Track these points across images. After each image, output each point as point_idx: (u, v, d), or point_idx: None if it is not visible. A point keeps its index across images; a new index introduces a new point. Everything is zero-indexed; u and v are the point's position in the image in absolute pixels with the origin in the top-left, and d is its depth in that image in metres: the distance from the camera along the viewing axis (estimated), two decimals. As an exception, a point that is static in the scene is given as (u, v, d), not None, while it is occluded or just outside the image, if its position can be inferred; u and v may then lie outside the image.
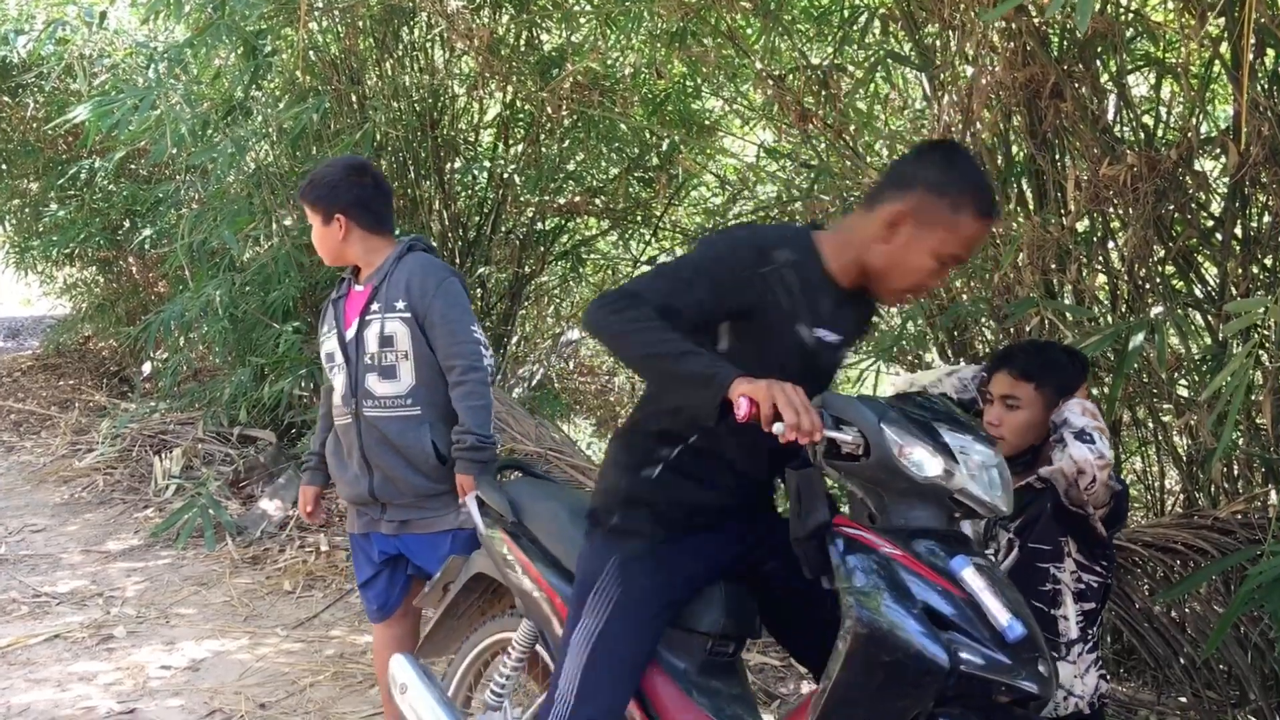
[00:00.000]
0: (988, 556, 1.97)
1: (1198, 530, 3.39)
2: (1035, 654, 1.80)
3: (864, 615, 1.79)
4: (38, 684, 3.96)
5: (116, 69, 6.58)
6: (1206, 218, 3.63)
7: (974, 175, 2.06)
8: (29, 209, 9.89)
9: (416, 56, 6.26)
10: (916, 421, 1.89)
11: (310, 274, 5.90)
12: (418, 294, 2.96)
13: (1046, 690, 1.79)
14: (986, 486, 1.88)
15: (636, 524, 2.19)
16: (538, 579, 2.50)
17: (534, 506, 2.63)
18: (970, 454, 1.88)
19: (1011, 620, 1.77)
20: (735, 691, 2.26)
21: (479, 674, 2.85)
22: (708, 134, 6.23)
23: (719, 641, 2.24)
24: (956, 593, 1.82)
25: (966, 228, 2.02)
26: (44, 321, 13.27)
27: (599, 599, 2.15)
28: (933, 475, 1.84)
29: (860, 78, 4.32)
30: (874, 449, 1.85)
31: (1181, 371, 3.70)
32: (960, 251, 2.05)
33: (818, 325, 2.09)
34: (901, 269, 2.07)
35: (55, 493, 6.71)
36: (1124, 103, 3.59)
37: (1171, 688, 3.70)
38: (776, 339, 2.06)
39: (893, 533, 1.90)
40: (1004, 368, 2.50)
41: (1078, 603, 2.45)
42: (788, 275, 2.04)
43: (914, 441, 1.85)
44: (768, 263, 2.03)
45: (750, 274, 2.02)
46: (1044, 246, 3.44)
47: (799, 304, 2.06)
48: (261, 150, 6.15)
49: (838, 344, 2.17)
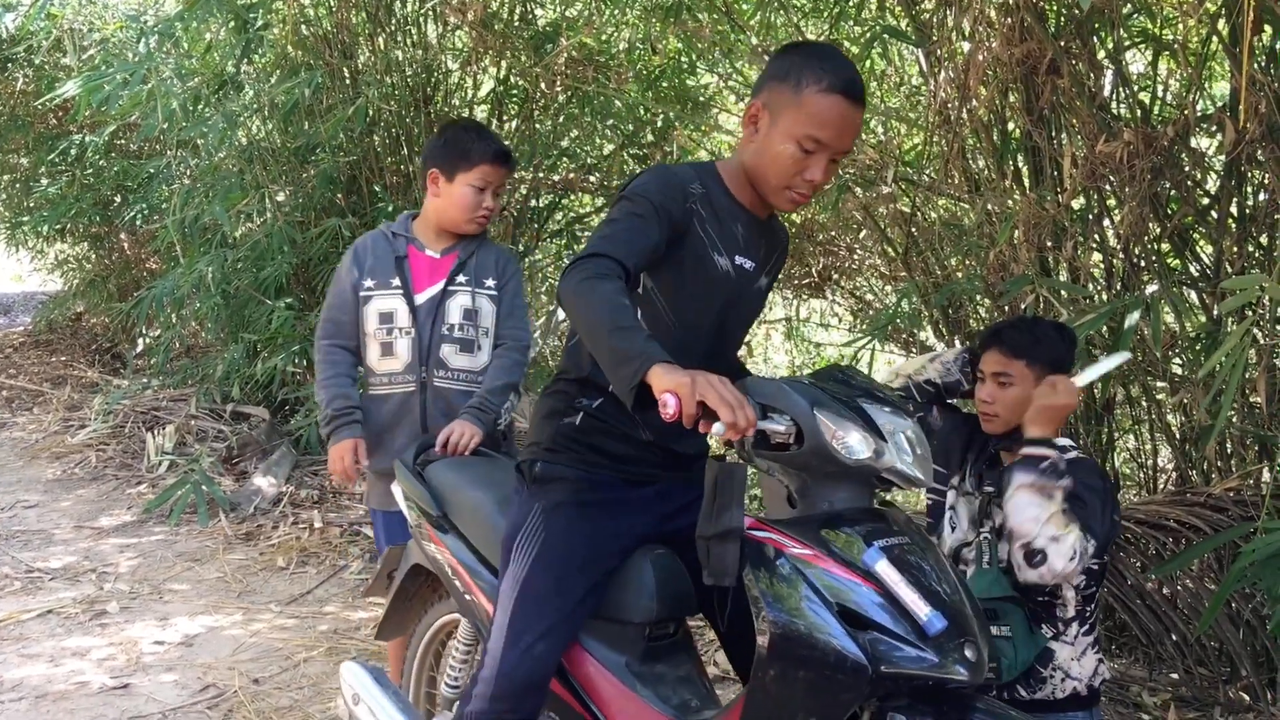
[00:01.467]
0: (919, 530, 1.89)
1: (1190, 507, 3.40)
2: (962, 639, 1.71)
3: (779, 619, 1.73)
4: (30, 659, 3.96)
5: (106, 43, 6.53)
6: (1202, 195, 3.62)
7: (820, 56, 2.03)
8: (19, 184, 9.85)
9: (409, 31, 6.21)
10: (843, 401, 1.83)
11: (303, 250, 5.88)
12: (503, 274, 3.07)
13: (977, 675, 1.70)
14: (910, 462, 1.83)
15: (559, 471, 2.16)
16: (464, 578, 2.44)
17: (457, 497, 2.53)
18: (897, 430, 1.82)
19: (931, 613, 1.69)
20: (682, 673, 2.19)
21: (438, 653, 2.83)
22: (703, 110, 6.19)
23: (656, 627, 2.17)
24: (873, 587, 1.73)
25: (812, 104, 1.99)
26: (35, 297, 13.24)
27: (522, 548, 2.11)
28: (864, 457, 1.78)
29: (856, 53, 4.29)
30: (808, 436, 1.77)
31: (1176, 349, 3.70)
32: (815, 131, 1.99)
33: (734, 253, 2.12)
34: (768, 162, 2.05)
35: (48, 469, 6.69)
36: (1121, 79, 3.57)
37: (1163, 664, 3.72)
38: (700, 269, 2.08)
39: (809, 522, 1.82)
40: (995, 345, 2.51)
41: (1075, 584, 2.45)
42: (702, 207, 2.08)
43: (847, 425, 1.78)
44: (689, 195, 2.06)
45: (681, 206, 2.04)
46: (1040, 224, 3.43)
47: (714, 233, 2.09)
48: (253, 125, 6.11)
49: (754, 271, 2.17)
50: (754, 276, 2.18)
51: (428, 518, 2.57)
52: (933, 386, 2.69)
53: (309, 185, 5.97)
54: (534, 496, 2.17)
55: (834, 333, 6.94)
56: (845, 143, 2.04)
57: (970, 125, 3.78)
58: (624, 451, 2.16)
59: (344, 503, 5.79)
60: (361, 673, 2.66)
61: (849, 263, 5.86)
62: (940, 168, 4.05)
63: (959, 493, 2.62)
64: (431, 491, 2.58)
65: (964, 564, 2.55)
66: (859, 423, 1.79)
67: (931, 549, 1.86)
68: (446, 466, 2.67)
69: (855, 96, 2.01)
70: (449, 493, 2.56)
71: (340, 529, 5.39)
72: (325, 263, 5.95)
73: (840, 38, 4.47)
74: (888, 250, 4.60)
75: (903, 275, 4.52)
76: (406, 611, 2.86)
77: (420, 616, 2.83)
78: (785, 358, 7.56)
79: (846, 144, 2.05)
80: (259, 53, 5.97)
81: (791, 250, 5.87)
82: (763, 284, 2.24)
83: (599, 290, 1.83)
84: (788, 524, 1.83)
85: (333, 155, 5.87)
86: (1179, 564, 3.46)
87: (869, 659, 1.67)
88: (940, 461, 2.68)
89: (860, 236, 5.38)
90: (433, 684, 2.80)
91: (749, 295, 2.21)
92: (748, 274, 2.15)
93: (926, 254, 4.36)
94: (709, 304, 2.11)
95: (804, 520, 1.83)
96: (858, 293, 6.05)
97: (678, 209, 2.03)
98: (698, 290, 2.10)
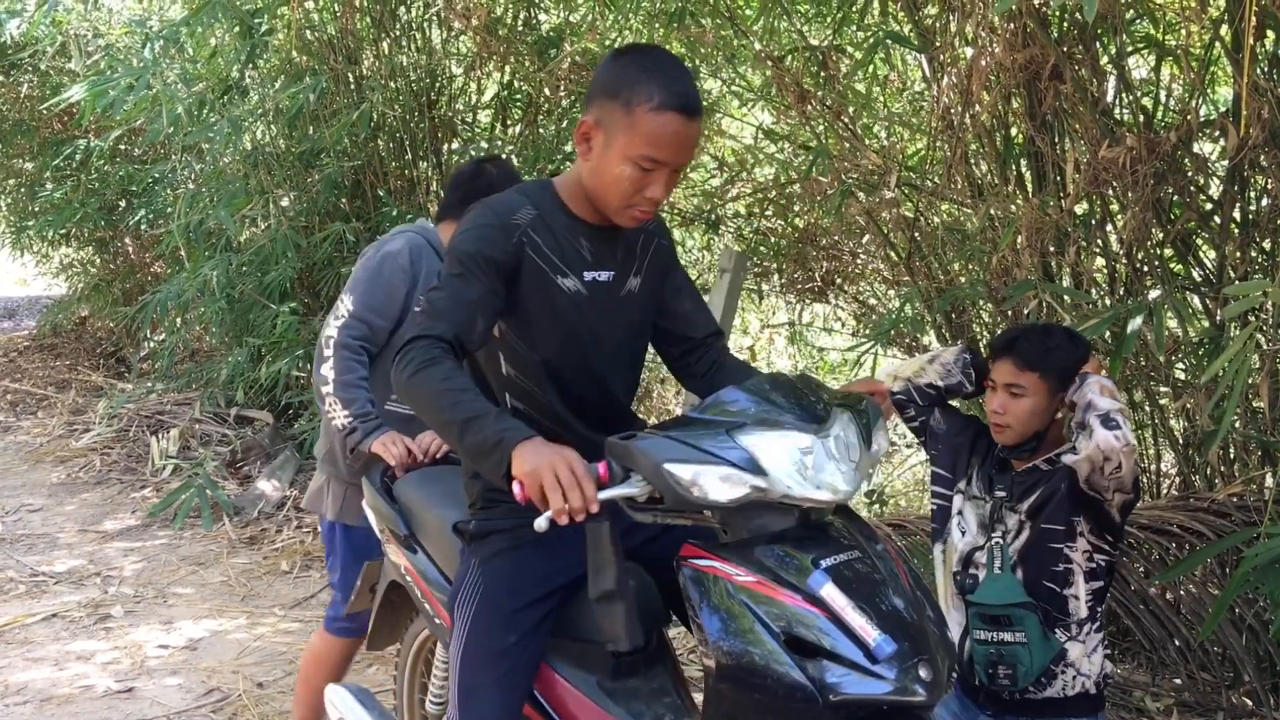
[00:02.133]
0: (867, 547, 1.79)
1: (1194, 512, 3.40)
2: (916, 659, 1.65)
3: (730, 648, 1.67)
4: (35, 663, 3.97)
5: (111, 48, 6.55)
6: (1205, 201, 3.62)
7: (650, 69, 1.92)
8: (24, 189, 9.86)
9: (414, 36, 6.22)
10: (715, 435, 1.71)
11: (307, 255, 5.89)
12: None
13: (934, 694, 1.64)
14: (818, 474, 1.71)
15: (493, 524, 2.12)
16: (431, 600, 2.40)
17: (424, 516, 2.48)
18: (784, 450, 1.70)
19: (880, 638, 1.63)
20: (655, 685, 2.12)
21: (428, 661, 2.80)
22: (706, 115, 6.20)
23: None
24: (820, 611, 1.65)
25: (645, 124, 1.88)
26: (40, 301, 13.24)
27: (463, 605, 2.08)
28: (738, 497, 1.68)
29: (859, 59, 4.30)
30: (663, 492, 1.69)
31: (1179, 355, 3.70)
32: (650, 151, 1.90)
33: (583, 270, 2.03)
34: (608, 184, 1.95)
35: (52, 473, 6.70)
36: (1124, 85, 3.58)
37: (1166, 669, 3.71)
38: (544, 297, 2.00)
39: (744, 547, 1.74)
40: (1007, 356, 2.48)
41: (1088, 581, 2.45)
42: (535, 233, 2.00)
43: (703, 473, 1.67)
44: (514, 229, 1.98)
45: (505, 245, 1.97)
46: (1042, 229, 3.43)
47: (553, 256, 2.01)
48: (258, 130, 6.13)
49: (614, 281, 2.07)
50: (616, 286, 2.08)
51: (395, 537, 2.54)
52: (934, 389, 2.67)
53: (313, 190, 5.98)
54: (472, 553, 2.14)
55: (837, 337, 6.95)
56: (684, 158, 1.95)
57: (973, 130, 3.79)
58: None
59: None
60: (345, 694, 2.63)
61: (852, 267, 5.87)
62: (943, 173, 4.06)
63: (966, 497, 2.60)
64: (399, 510, 2.55)
65: (975, 568, 2.53)
66: (724, 463, 1.68)
67: (884, 559, 1.78)
68: (414, 483, 2.61)
69: (690, 111, 1.91)
70: (417, 510, 2.52)
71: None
72: (329, 267, 5.96)
73: (843, 43, 4.48)
74: (891, 255, 4.60)
75: (906, 280, 4.52)
76: (395, 620, 2.84)
77: (408, 625, 2.82)
78: (788, 362, 7.56)
79: (685, 159, 1.96)
80: (264, 58, 5.98)
81: (794, 254, 5.93)
82: (635, 286, 2.12)
83: (429, 382, 1.80)
84: (728, 549, 1.76)
85: (337, 160, 5.88)
86: (1182, 569, 3.46)
87: (818, 688, 1.62)
88: (945, 465, 2.67)
89: (863, 241, 5.38)
90: (425, 690, 2.80)
91: (618, 306, 2.10)
92: (606, 286, 2.06)
93: (929, 259, 4.36)
94: (566, 329, 2.03)
95: (743, 544, 1.75)
96: (861, 297, 6.05)
97: (501, 249, 1.96)
98: (547, 319, 2.03)
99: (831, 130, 4.33)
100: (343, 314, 2.89)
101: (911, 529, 3.90)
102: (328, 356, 2.86)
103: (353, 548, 3.05)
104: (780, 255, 6.09)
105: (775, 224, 6.25)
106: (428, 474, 2.63)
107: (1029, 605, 2.41)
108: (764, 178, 6.18)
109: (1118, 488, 2.34)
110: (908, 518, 4.24)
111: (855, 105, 4.48)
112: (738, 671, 1.66)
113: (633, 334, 2.17)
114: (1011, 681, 2.41)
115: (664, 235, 2.23)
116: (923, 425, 2.74)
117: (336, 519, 3.05)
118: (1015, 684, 2.41)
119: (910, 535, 3.83)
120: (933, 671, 1.66)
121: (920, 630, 1.70)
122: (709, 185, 6.94)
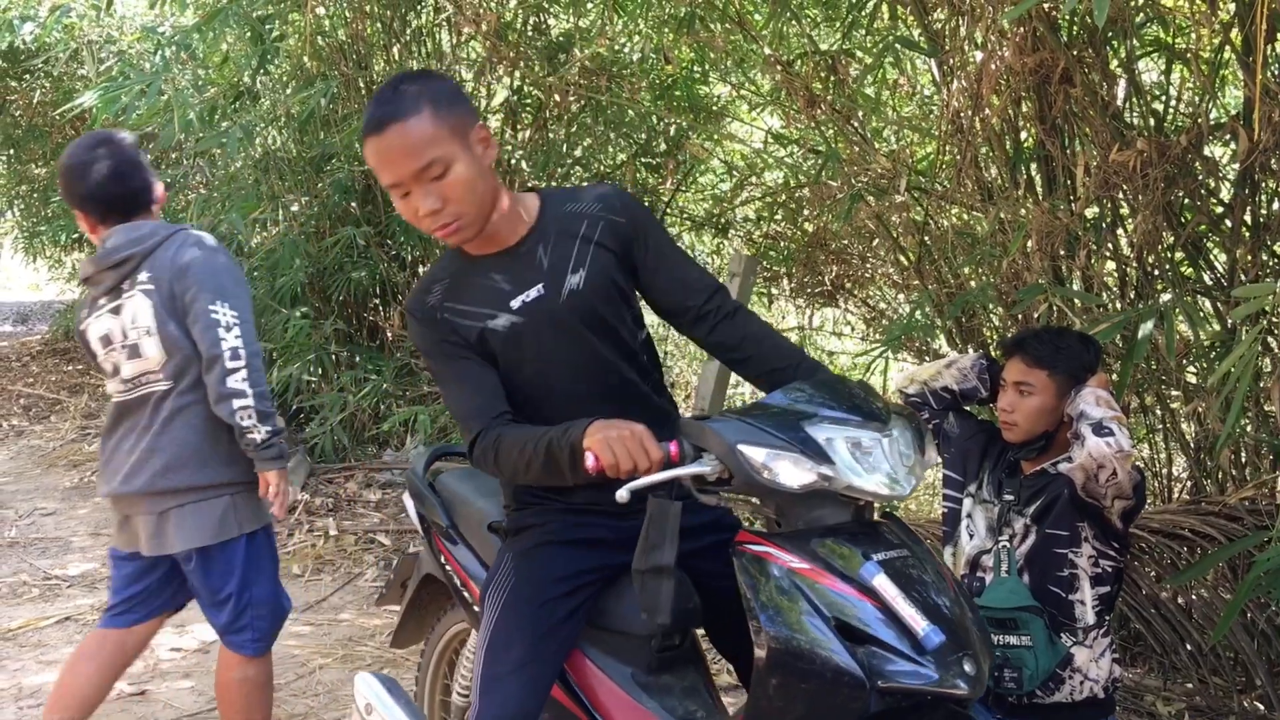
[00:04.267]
0: (917, 541, 1.86)
1: (1205, 516, 3.39)
2: (961, 653, 1.69)
3: (778, 634, 1.71)
4: (49, 666, 3.99)
5: (124, 55, 6.59)
6: (1216, 204, 3.62)
7: (371, 100, 1.95)
8: (37, 194, 9.94)
9: (424, 41, 6.25)
10: (787, 424, 1.77)
11: (317, 259, 5.91)
12: None
13: (976, 689, 1.68)
14: (875, 474, 1.77)
15: (528, 520, 2.17)
16: (471, 589, 2.44)
17: (465, 509, 2.53)
18: (850, 445, 1.76)
19: (928, 628, 1.67)
20: (688, 683, 2.17)
21: (451, 661, 2.82)
22: (715, 119, 6.21)
23: (661, 639, 2.14)
24: (870, 601, 1.71)
25: (368, 158, 1.93)
26: (52, 306, 13.32)
27: (494, 595, 2.10)
28: (807, 483, 1.73)
29: (869, 63, 4.31)
30: (735, 473, 1.75)
31: (1190, 358, 3.69)
32: (382, 179, 1.93)
33: (507, 301, 2.03)
34: (402, 214, 1.97)
35: (65, 476, 6.73)
36: (1134, 88, 3.57)
37: (1178, 674, 3.71)
38: (495, 342, 2.03)
39: (798, 537, 1.79)
40: (1018, 354, 2.50)
41: (1094, 587, 2.45)
42: (448, 303, 2.04)
43: (776, 456, 1.73)
44: (432, 313, 2.04)
45: (441, 328, 2.03)
46: (1053, 233, 3.43)
47: (474, 309, 2.04)
48: (269, 135, 6.16)
49: (548, 290, 2.04)
50: (552, 295, 2.04)
51: (437, 528, 2.58)
52: (949, 393, 2.69)
53: (324, 194, 6.01)
54: (507, 547, 2.19)
55: (847, 341, 6.95)
56: (401, 169, 1.89)
57: (983, 134, 3.79)
58: (591, 495, 2.08)
59: (359, 511, 5.81)
60: (375, 683, 2.64)
61: (862, 271, 5.87)
62: (953, 176, 4.06)
63: (976, 500, 2.62)
64: (441, 502, 2.60)
65: (982, 571, 2.55)
66: (794, 449, 1.73)
67: (930, 560, 1.83)
68: (456, 477, 2.67)
69: (377, 128, 1.88)
70: (458, 504, 2.57)
71: (355, 537, 5.41)
72: (340, 272, 5.99)
73: (853, 48, 4.48)
74: (900, 259, 4.60)
75: (915, 284, 4.52)
76: (421, 620, 2.88)
77: (434, 625, 2.85)
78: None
79: (403, 169, 1.89)
80: (275, 63, 6.02)
81: (803, 258, 5.93)
82: (577, 283, 2.05)
83: (511, 456, 1.93)
84: (782, 538, 1.80)
85: (347, 165, 5.91)
86: (1194, 574, 3.45)
87: (866, 674, 1.66)
88: (957, 469, 2.68)
89: (873, 245, 5.39)
90: (447, 692, 2.81)
91: (564, 313, 2.05)
92: (537, 302, 2.03)
93: (939, 263, 4.36)
94: (535, 358, 2.05)
95: (797, 535, 1.80)
96: (870, 301, 6.06)
97: (440, 333, 2.03)
98: (512, 358, 2.05)
99: (841, 134, 4.33)
100: (230, 321, 2.79)
101: (922, 533, 3.88)
102: (237, 368, 2.76)
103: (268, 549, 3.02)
104: (790, 260, 6.10)
105: (785, 228, 6.26)
106: (470, 470, 2.67)
107: (1035, 609, 2.42)
108: (773, 182, 6.18)
109: (1116, 494, 2.34)
110: (918, 522, 4.24)
111: (865, 109, 4.48)
112: (787, 657, 1.70)
113: (597, 328, 2.08)
114: (1017, 685, 2.42)
115: (617, 212, 2.11)
116: (936, 429, 2.75)
117: (256, 526, 2.95)
118: (1021, 687, 2.41)
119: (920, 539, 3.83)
120: (976, 667, 1.70)
121: (964, 627, 1.74)
122: (718, 190, 6.96)
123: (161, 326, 2.79)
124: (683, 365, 8.62)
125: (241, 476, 2.88)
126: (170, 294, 2.79)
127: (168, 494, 2.83)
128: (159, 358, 2.82)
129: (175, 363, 2.82)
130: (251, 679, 2.96)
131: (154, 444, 2.84)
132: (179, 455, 2.83)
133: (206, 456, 2.84)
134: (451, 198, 1.91)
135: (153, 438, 2.84)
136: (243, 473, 2.88)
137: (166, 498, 2.83)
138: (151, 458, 2.84)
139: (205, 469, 2.84)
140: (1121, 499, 2.36)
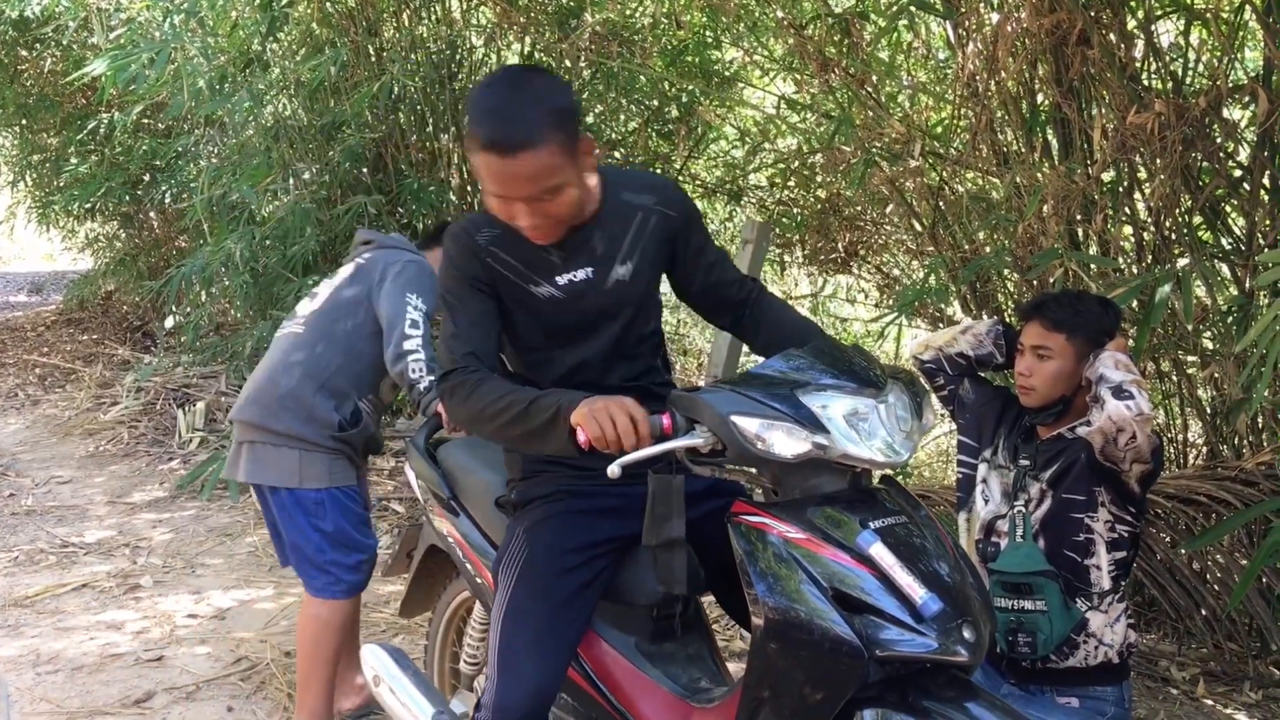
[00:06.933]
0: (916, 506, 1.84)
1: (1221, 482, 3.38)
2: (960, 620, 1.68)
3: (776, 604, 1.70)
4: (66, 632, 4.02)
5: (133, 22, 6.55)
6: (1235, 167, 3.58)
7: (475, 103, 1.90)
8: (49, 164, 9.92)
9: (433, 7, 6.20)
10: (781, 392, 1.75)
11: (329, 228, 5.90)
12: None
13: (976, 655, 1.67)
14: (871, 441, 1.75)
15: (536, 492, 2.18)
16: (473, 559, 2.44)
17: (467, 480, 2.53)
18: (845, 412, 1.74)
19: (926, 595, 1.66)
20: (691, 651, 2.19)
21: (459, 629, 2.84)
22: (728, 85, 6.16)
23: (662, 608, 2.15)
24: (868, 570, 1.69)
25: (477, 162, 1.90)
26: (66, 276, 13.35)
27: (508, 568, 2.11)
28: (802, 453, 1.71)
29: (883, 26, 4.26)
30: (728, 444, 1.74)
31: (1207, 323, 3.67)
32: (491, 188, 1.90)
33: (554, 276, 2.06)
34: (498, 213, 1.97)
35: (81, 445, 6.78)
36: (1152, 50, 3.53)
37: (1193, 639, 3.71)
38: (524, 306, 2.08)
39: (795, 506, 1.78)
40: (1036, 318, 2.48)
41: (1110, 552, 2.44)
42: (495, 249, 2.05)
43: (770, 426, 1.71)
44: (476, 249, 2.05)
45: (474, 264, 2.04)
46: (1069, 197, 3.39)
47: (521, 267, 2.06)
48: (279, 103, 6.13)
49: (595, 277, 2.08)
50: (598, 281, 2.08)
51: (438, 499, 2.58)
52: (964, 359, 2.67)
53: (335, 162, 5.98)
54: (517, 521, 2.19)
55: (860, 308, 6.92)
56: (520, 191, 1.88)
57: (999, 97, 3.75)
58: (594, 462, 2.05)
59: (371, 479, 5.83)
60: (383, 654, 2.65)
61: (875, 238, 5.84)
62: (968, 141, 4.02)
63: (991, 465, 2.60)
64: (442, 473, 2.59)
65: (997, 537, 2.54)
66: (787, 418, 1.72)
67: (930, 526, 1.82)
68: (458, 448, 2.66)
69: (501, 151, 1.84)
70: (460, 475, 2.57)
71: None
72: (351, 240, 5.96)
73: (867, 10, 4.43)
74: (915, 225, 4.57)
75: (930, 250, 4.49)
76: (428, 589, 2.89)
77: (440, 593, 2.85)
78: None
79: (522, 192, 1.88)
80: (284, 30, 5.97)
81: (817, 225, 5.89)
82: (624, 274, 2.10)
83: (482, 400, 1.92)
84: (778, 507, 1.79)
85: (358, 132, 5.88)
86: (1209, 539, 3.44)
87: (864, 643, 1.65)
88: (972, 434, 2.67)
89: (887, 211, 5.35)
90: (455, 659, 2.82)
91: (607, 298, 2.10)
92: (584, 285, 2.07)
93: (954, 228, 4.33)
94: (554, 333, 2.09)
95: (794, 504, 1.79)
96: (884, 268, 6.03)
97: (471, 269, 2.04)
98: (533, 327, 2.10)
99: (855, 99, 4.29)
100: (417, 316, 3.03)
101: (935, 499, 3.89)
102: (414, 334, 2.99)
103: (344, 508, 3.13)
104: (803, 226, 6.06)
105: (798, 195, 6.22)
106: (472, 440, 2.67)
107: (1050, 574, 2.41)
108: (786, 148, 6.14)
109: (1135, 458, 2.33)
110: (932, 488, 4.24)
111: (878, 73, 4.43)
112: (784, 627, 1.69)
113: (631, 318, 2.14)
114: (1031, 649, 2.42)
115: (671, 206, 2.16)
116: (951, 394, 2.74)
117: (331, 485, 3.10)
118: (1035, 652, 2.41)
119: (934, 505, 3.83)
120: (975, 633, 1.69)
121: (963, 593, 1.73)
122: (731, 156, 6.91)
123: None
124: (695, 333, 8.61)
125: (315, 431, 3.05)
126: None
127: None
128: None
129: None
130: (322, 619, 3.09)
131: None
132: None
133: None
134: (556, 215, 1.96)
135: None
136: (316, 433, 3.05)
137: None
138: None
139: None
140: (1140, 463, 2.34)
